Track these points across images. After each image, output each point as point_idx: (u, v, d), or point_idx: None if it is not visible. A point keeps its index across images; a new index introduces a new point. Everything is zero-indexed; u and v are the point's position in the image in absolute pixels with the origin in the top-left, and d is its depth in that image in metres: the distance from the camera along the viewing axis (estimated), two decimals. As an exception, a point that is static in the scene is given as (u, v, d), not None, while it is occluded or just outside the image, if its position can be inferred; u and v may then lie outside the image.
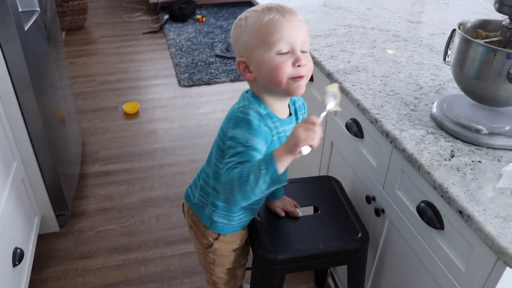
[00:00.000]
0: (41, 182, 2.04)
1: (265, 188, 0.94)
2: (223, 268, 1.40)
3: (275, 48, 1.00)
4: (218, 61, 4.03)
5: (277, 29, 1.00)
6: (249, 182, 0.93)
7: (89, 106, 3.36)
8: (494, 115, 1.20)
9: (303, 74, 1.02)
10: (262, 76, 1.04)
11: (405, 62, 1.60)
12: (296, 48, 1.01)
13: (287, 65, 1.01)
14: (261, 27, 1.02)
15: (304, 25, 1.05)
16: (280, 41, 1.00)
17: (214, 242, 1.31)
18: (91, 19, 5.03)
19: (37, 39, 1.98)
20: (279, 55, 1.01)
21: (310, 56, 1.06)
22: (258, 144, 1.01)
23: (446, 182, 1.01)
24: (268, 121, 1.06)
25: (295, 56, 1.01)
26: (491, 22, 1.21)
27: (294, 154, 0.91)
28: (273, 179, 0.93)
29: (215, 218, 1.26)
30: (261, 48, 1.02)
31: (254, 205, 1.26)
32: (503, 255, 0.85)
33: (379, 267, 1.43)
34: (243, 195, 0.96)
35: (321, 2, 2.25)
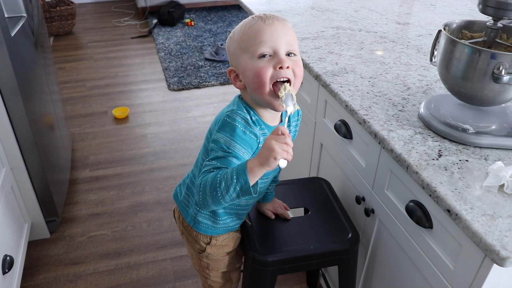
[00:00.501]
0: (31, 189, 2.02)
1: (235, 196, 0.95)
2: (218, 272, 1.39)
3: (257, 52, 1.01)
4: (207, 65, 4.04)
5: (258, 34, 1.01)
6: (220, 189, 0.94)
7: (79, 112, 3.34)
8: (480, 115, 1.22)
9: (285, 75, 1.01)
10: (248, 83, 1.05)
11: (393, 63, 1.61)
12: (279, 50, 1.01)
13: (268, 68, 1.00)
14: (244, 35, 1.03)
15: (288, 29, 1.04)
16: (261, 44, 1.00)
17: (207, 247, 1.31)
18: (79, 24, 5.02)
19: (24, 45, 1.97)
20: (261, 58, 1.01)
21: (299, 60, 1.05)
22: (240, 151, 1.02)
23: (434, 181, 1.02)
24: (255, 128, 1.06)
25: (278, 59, 1.00)
26: (476, 23, 1.23)
27: (270, 166, 0.91)
28: (243, 190, 0.93)
29: (199, 218, 1.26)
30: (245, 55, 1.03)
31: (240, 211, 1.26)
32: (490, 253, 0.86)
33: (370, 267, 1.44)
34: (213, 200, 0.97)
35: (308, 5, 2.27)
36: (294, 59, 1.03)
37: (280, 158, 0.89)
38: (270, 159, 0.90)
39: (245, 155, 1.03)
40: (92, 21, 5.19)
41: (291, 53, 1.03)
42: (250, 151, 1.05)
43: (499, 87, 1.07)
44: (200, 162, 1.21)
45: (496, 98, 1.12)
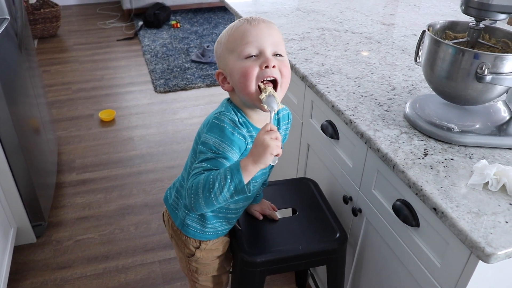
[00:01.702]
0: (16, 193, 2.00)
1: (229, 196, 0.95)
2: (207, 276, 1.39)
3: (243, 53, 1.02)
4: (194, 67, 4.03)
5: (244, 35, 1.02)
6: (213, 190, 0.95)
7: (65, 115, 3.32)
8: (464, 114, 1.24)
9: (271, 74, 1.01)
10: (235, 84, 1.05)
11: (378, 63, 1.63)
12: (265, 51, 1.02)
13: (254, 67, 1.01)
14: (230, 37, 1.05)
15: (274, 30, 1.05)
16: (247, 45, 1.02)
17: (196, 251, 1.30)
18: (64, 26, 4.97)
19: (8, 47, 1.95)
20: (247, 59, 1.02)
21: (286, 61, 1.06)
22: (229, 152, 1.02)
23: (420, 180, 1.04)
24: (243, 130, 1.06)
25: (264, 58, 1.01)
26: (459, 24, 1.24)
27: (265, 163, 0.92)
28: (237, 190, 0.94)
29: (187, 221, 1.26)
30: (232, 56, 1.04)
31: (229, 215, 1.26)
32: (475, 249, 0.87)
33: (358, 266, 1.45)
34: (206, 202, 0.97)
35: (294, 6, 2.28)
36: (281, 59, 1.04)
37: (276, 153, 0.91)
38: (265, 155, 0.91)
39: (234, 156, 1.03)
40: (77, 23, 5.15)
41: (278, 54, 1.04)
42: (238, 152, 1.05)
43: (482, 87, 1.09)
44: (189, 165, 1.20)
45: (479, 97, 1.14)
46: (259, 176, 1.20)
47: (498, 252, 0.85)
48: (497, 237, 0.88)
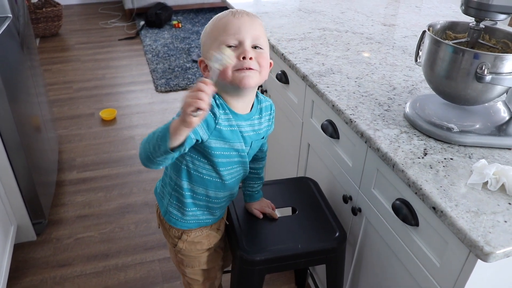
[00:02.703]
0: (17, 191, 2.00)
1: (159, 155, 0.97)
2: (193, 269, 1.39)
3: (223, 43, 1.06)
4: (195, 66, 4.03)
5: (226, 26, 1.07)
6: (149, 146, 0.99)
7: (66, 113, 3.32)
8: (464, 114, 1.24)
9: (248, 66, 1.05)
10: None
11: (379, 63, 1.63)
12: (244, 42, 1.06)
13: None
14: (214, 28, 1.10)
15: (256, 24, 1.09)
16: (228, 36, 1.06)
17: (178, 242, 1.32)
18: (66, 25, 4.98)
19: (10, 46, 1.95)
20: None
21: (265, 53, 1.10)
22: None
23: (420, 179, 1.04)
24: (217, 110, 1.08)
25: (242, 49, 1.06)
26: (459, 24, 1.25)
27: (185, 122, 0.90)
28: (164, 150, 0.95)
29: (169, 208, 1.28)
30: (213, 45, 1.08)
31: (210, 204, 1.25)
32: (474, 249, 0.87)
33: (358, 265, 1.45)
34: (145, 156, 1.01)
35: (295, 6, 2.28)
36: (260, 51, 1.09)
37: (189, 109, 0.88)
38: (182, 113, 0.89)
39: (199, 129, 1.05)
40: (78, 22, 5.16)
41: (258, 47, 1.08)
42: (205, 126, 1.07)
43: (482, 87, 1.09)
44: None
45: (479, 97, 1.14)
46: (237, 163, 1.20)
47: (497, 251, 0.85)
48: (496, 236, 0.88)
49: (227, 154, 1.15)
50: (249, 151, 1.22)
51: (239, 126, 1.14)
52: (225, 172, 1.19)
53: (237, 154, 1.18)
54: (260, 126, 1.21)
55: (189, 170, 1.18)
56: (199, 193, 1.22)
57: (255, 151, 1.28)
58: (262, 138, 1.25)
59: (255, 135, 1.20)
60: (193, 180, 1.20)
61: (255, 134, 1.20)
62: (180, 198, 1.23)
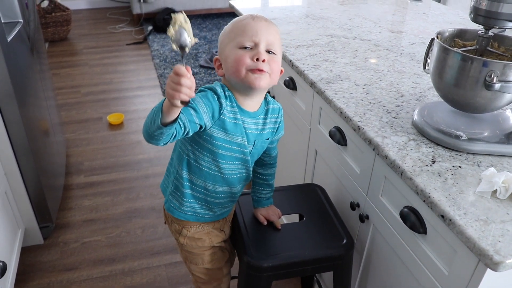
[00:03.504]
0: (25, 194, 2.02)
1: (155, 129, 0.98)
2: (197, 267, 1.41)
3: (240, 43, 1.11)
4: (202, 72, 4.05)
5: (245, 28, 1.12)
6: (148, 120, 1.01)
7: (73, 117, 3.34)
8: (473, 122, 1.24)
9: (261, 67, 1.09)
10: (227, 70, 1.13)
11: (387, 70, 1.63)
12: (259, 45, 1.10)
13: (246, 57, 1.10)
14: (233, 27, 1.15)
15: (273, 30, 1.14)
16: (245, 37, 1.11)
17: (179, 237, 1.34)
18: (75, 30, 5.02)
19: (20, 50, 1.97)
20: (242, 49, 1.11)
21: (278, 59, 1.14)
22: (202, 108, 1.07)
23: (428, 187, 1.04)
24: (224, 101, 1.12)
25: (256, 51, 1.10)
26: (468, 32, 1.25)
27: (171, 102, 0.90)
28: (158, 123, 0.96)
29: (170, 196, 1.31)
30: (230, 45, 1.13)
31: (208, 197, 1.27)
32: (483, 258, 0.87)
33: (365, 273, 1.44)
34: (144, 129, 1.03)
35: (303, 13, 2.29)
36: (273, 56, 1.13)
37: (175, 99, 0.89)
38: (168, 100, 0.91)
39: (203, 113, 1.07)
40: (87, 27, 5.19)
41: (271, 51, 1.12)
42: (210, 113, 1.09)
43: (491, 95, 1.09)
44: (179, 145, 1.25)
45: (488, 105, 1.14)
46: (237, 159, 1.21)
47: (507, 260, 0.85)
48: (505, 245, 0.88)
49: (228, 147, 1.17)
50: (252, 150, 1.23)
51: (244, 121, 1.17)
52: (224, 165, 1.20)
53: (238, 150, 1.19)
54: (264, 127, 1.23)
55: (189, 160, 1.21)
56: (198, 185, 1.24)
57: (260, 152, 1.30)
58: (267, 139, 1.26)
59: (258, 135, 1.22)
60: (192, 170, 1.22)
61: (259, 134, 1.22)
62: (180, 187, 1.26)
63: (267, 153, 1.35)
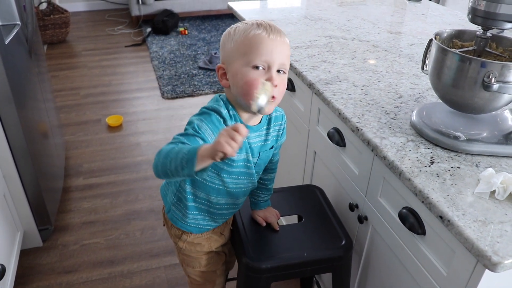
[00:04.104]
0: (24, 197, 2.01)
1: (180, 175, 0.95)
2: (194, 270, 1.40)
3: (252, 62, 1.04)
4: (201, 73, 4.05)
5: (259, 45, 1.04)
6: (171, 164, 0.95)
7: (72, 119, 3.34)
8: (471, 122, 1.24)
9: (273, 94, 1.05)
10: (235, 86, 1.08)
11: (385, 71, 1.63)
12: (272, 67, 1.05)
13: (258, 81, 1.03)
14: (245, 40, 1.05)
15: (286, 48, 1.08)
16: (259, 57, 1.04)
17: (178, 241, 1.33)
18: (73, 32, 5.02)
19: (18, 53, 1.97)
20: (254, 69, 1.04)
21: (286, 78, 1.10)
22: (210, 136, 1.04)
23: (427, 188, 1.03)
24: (230, 122, 1.09)
25: (269, 75, 1.04)
26: (466, 32, 1.25)
27: (211, 156, 0.89)
28: (188, 174, 0.93)
29: (172, 207, 1.29)
30: (240, 59, 1.05)
31: (212, 209, 1.25)
32: (482, 258, 0.87)
33: (364, 274, 1.44)
34: (162, 170, 0.99)
35: (302, 14, 2.29)
36: (283, 76, 1.08)
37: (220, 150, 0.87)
38: (214, 150, 0.88)
39: (209, 136, 1.05)
40: (86, 29, 5.19)
41: (281, 70, 1.07)
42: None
43: (489, 95, 1.09)
44: None
45: (486, 106, 1.14)
46: (243, 174, 1.20)
47: (505, 261, 0.85)
48: (504, 246, 0.88)
49: (233, 164, 1.16)
50: (257, 161, 1.22)
51: (248, 137, 1.14)
52: (228, 179, 1.19)
53: (243, 165, 1.18)
54: (268, 137, 1.21)
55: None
56: (201, 197, 1.23)
57: (266, 162, 1.28)
58: (271, 148, 1.25)
59: (262, 146, 1.21)
60: (196, 185, 1.21)
61: (263, 145, 1.21)
62: (183, 199, 1.25)
63: (271, 159, 1.34)
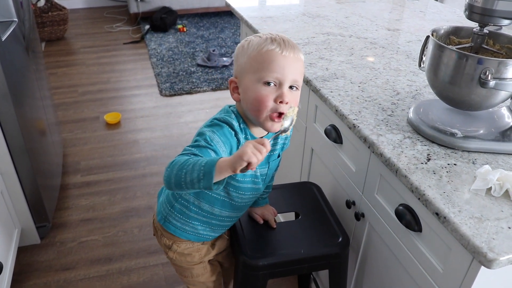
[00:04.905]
0: (21, 194, 2.01)
1: (196, 188, 0.93)
2: (188, 279, 1.40)
3: (264, 79, 1.03)
4: (199, 71, 4.04)
5: (272, 62, 1.03)
6: (186, 176, 0.93)
7: (70, 117, 3.34)
8: (468, 119, 1.24)
9: (282, 111, 1.04)
10: (245, 101, 1.07)
11: (383, 68, 1.63)
12: (284, 84, 1.04)
13: (269, 99, 1.03)
14: (258, 55, 1.05)
15: (300, 64, 1.08)
16: (271, 74, 1.03)
17: (169, 252, 1.31)
18: (72, 29, 5.01)
19: (15, 50, 1.96)
20: (265, 85, 1.04)
21: (298, 94, 1.09)
22: (221, 148, 1.03)
23: (423, 185, 1.03)
24: (241, 135, 1.08)
25: (280, 92, 1.04)
26: (463, 29, 1.25)
27: (235, 168, 0.88)
28: (204, 186, 0.92)
29: (169, 218, 1.27)
30: (252, 75, 1.05)
31: (213, 220, 1.24)
32: (478, 255, 0.87)
33: (361, 271, 1.44)
34: (176, 183, 0.95)
35: (299, 11, 2.28)
36: (295, 93, 1.07)
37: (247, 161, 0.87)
38: (239, 158, 0.87)
39: (224, 154, 1.04)
40: (84, 26, 5.18)
41: (294, 87, 1.06)
42: (228, 151, 1.06)
43: (486, 92, 1.09)
44: None
45: (483, 102, 1.13)
46: (249, 190, 1.20)
47: (501, 257, 0.85)
48: (499, 242, 0.88)
49: (241, 179, 1.15)
50: (267, 172, 1.22)
51: None
52: (234, 193, 1.18)
53: (250, 181, 1.18)
54: (276, 147, 1.21)
55: None
56: (204, 210, 1.21)
57: (274, 170, 1.28)
58: (278, 157, 1.25)
59: (271, 156, 1.20)
60: (201, 196, 1.19)
61: (272, 155, 1.20)
62: (185, 210, 1.23)
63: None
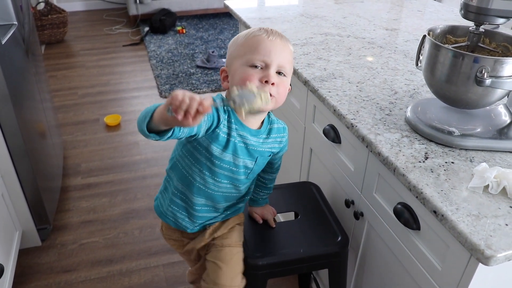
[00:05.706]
0: (22, 196, 2.02)
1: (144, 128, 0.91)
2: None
3: (250, 61, 1.06)
4: (199, 72, 4.05)
5: (259, 46, 1.07)
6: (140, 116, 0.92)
7: (70, 119, 3.34)
8: (465, 117, 1.24)
9: (270, 91, 1.05)
10: (232, 85, 1.09)
11: (380, 68, 1.63)
12: (270, 67, 1.06)
13: (254, 77, 1.05)
14: (245, 42, 1.10)
15: (287, 50, 1.10)
16: (256, 56, 1.06)
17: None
18: (71, 32, 5.02)
19: (15, 53, 1.97)
20: (252, 68, 1.06)
21: (287, 81, 1.10)
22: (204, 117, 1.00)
23: (421, 183, 1.04)
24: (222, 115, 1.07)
25: (266, 73, 1.06)
26: (460, 28, 1.25)
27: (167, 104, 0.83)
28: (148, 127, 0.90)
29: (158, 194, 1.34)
30: (239, 59, 1.08)
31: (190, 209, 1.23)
32: (475, 252, 0.87)
33: (360, 269, 1.45)
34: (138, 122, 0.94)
35: (298, 12, 2.29)
36: (283, 78, 1.09)
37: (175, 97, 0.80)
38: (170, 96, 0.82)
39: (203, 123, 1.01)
40: (83, 29, 5.19)
41: (282, 73, 1.08)
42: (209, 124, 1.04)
43: (482, 90, 1.10)
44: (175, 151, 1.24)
45: (480, 101, 1.14)
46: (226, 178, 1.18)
47: (498, 254, 0.85)
48: (497, 240, 0.88)
49: (218, 163, 1.13)
50: (254, 167, 1.21)
51: (245, 138, 1.13)
52: (209, 179, 1.17)
53: (227, 168, 1.16)
54: (267, 145, 1.20)
55: (177, 165, 1.19)
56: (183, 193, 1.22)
57: (261, 168, 1.27)
58: (269, 156, 1.25)
59: (262, 151, 1.20)
60: (179, 177, 1.20)
61: (263, 151, 1.20)
62: (168, 188, 1.26)
63: (271, 163, 1.33)
